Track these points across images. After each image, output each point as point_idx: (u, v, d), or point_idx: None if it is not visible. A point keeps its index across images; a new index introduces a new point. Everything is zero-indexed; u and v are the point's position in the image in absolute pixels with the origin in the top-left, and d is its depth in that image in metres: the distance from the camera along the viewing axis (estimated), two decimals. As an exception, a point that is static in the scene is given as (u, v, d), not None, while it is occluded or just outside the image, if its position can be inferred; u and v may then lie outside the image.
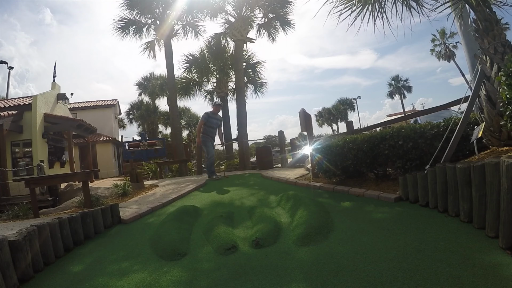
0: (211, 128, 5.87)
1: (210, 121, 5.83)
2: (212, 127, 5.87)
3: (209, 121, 5.82)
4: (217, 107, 6.22)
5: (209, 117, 5.86)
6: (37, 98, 10.34)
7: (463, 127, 2.70)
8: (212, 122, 5.85)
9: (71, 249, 2.49)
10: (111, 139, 18.31)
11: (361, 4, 3.62)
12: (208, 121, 5.81)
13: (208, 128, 5.83)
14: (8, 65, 17.06)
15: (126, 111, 26.93)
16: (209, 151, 5.91)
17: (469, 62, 4.33)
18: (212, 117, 5.89)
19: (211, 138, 5.91)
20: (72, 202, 4.88)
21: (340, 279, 1.49)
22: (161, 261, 2.04)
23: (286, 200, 3.26)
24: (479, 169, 1.81)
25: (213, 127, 5.88)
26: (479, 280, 1.30)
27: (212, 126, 5.86)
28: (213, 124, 5.88)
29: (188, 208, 3.36)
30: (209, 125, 5.83)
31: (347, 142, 3.69)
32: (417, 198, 2.59)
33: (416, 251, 1.66)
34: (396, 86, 39.08)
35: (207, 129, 5.83)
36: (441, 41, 29.52)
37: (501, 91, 2.37)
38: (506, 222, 1.54)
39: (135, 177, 5.89)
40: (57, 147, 12.08)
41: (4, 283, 1.71)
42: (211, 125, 5.85)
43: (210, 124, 5.83)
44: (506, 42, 2.80)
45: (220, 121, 6.11)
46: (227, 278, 1.67)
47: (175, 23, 12.68)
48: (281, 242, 2.15)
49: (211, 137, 5.90)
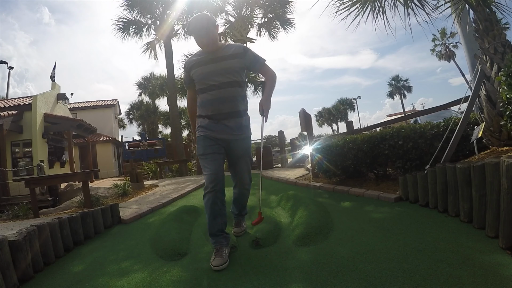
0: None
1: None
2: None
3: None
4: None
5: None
6: (37, 98, 10.35)
7: (463, 127, 2.70)
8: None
9: (71, 249, 2.49)
10: (111, 139, 18.32)
11: (361, 4, 3.62)
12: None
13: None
14: (8, 65, 17.06)
15: (126, 111, 26.96)
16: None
17: (469, 62, 4.33)
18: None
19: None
20: (72, 202, 4.88)
21: (340, 279, 1.49)
22: (161, 261, 2.04)
23: (286, 200, 3.26)
24: (479, 169, 1.81)
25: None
26: (479, 280, 1.30)
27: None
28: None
29: (188, 208, 3.36)
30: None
31: (347, 142, 3.69)
32: (417, 198, 2.59)
33: (416, 251, 1.66)
34: (396, 86, 39.11)
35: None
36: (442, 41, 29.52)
37: (501, 91, 2.36)
38: (506, 222, 1.54)
39: (135, 177, 5.89)
40: (57, 147, 12.09)
41: (4, 283, 1.71)
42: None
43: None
44: (506, 42, 2.80)
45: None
46: (227, 278, 1.67)
47: (175, 23, 12.68)
48: (281, 242, 2.15)
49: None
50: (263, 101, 2.02)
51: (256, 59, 2.09)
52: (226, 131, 2.05)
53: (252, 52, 2.09)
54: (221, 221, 2.00)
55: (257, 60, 2.09)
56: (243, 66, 2.06)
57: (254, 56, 2.10)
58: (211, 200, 1.96)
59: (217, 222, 1.98)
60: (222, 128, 2.04)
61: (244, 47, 2.10)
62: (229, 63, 2.01)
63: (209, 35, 1.98)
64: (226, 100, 2.02)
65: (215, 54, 2.04)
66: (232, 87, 2.02)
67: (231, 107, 2.04)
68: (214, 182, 1.94)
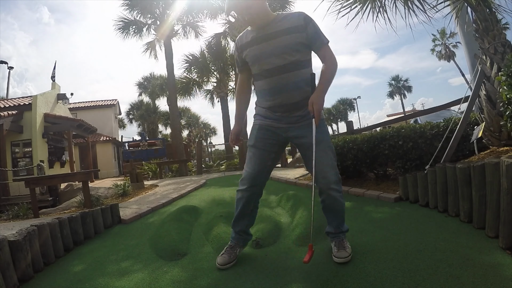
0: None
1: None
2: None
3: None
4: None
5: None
6: (37, 98, 10.35)
7: (463, 127, 2.70)
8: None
9: (71, 249, 2.49)
10: (111, 139, 18.32)
11: (361, 3, 3.62)
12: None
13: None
14: (8, 65, 17.06)
15: (126, 111, 26.98)
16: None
17: (469, 62, 4.33)
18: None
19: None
20: (72, 202, 4.88)
21: (340, 279, 1.49)
22: (161, 261, 2.04)
23: (286, 200, 3.26)
24: (479, 169, 1.81)
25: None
26: (479, 280, 1.30)
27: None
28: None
29: (188, 208, 3.36)
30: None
31: (347, 142, 3.69)
32: (417, 198, 2.59)
33: (416, 251, 1.66)
34: (396, 86, 39.12)
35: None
36: (442, 41, 29.54)
37: (501, 91, 2.37)
38: (506, 222, 1.54)
39: (135, 177, 5.90)
40: (57, 147, 12.09)
41: (4, 283, 1.71)
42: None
43: None
44: (506, 42, 2.80)
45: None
46: (227, 278, 1.67)
47: (175, 23, 12.69)
48: (281, 242, 2.15)
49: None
50: (315, 97, 1.55)
51: (318, 36, 1.62)
52: (288, 121, 1.70)
53: (314, 25, 1.62)
54: (248, 222, 1.85)
55: (318, 37, 1.62)
56: (303, 42, 1.62)
57: (316, 31, 1.62)
58: (245, 199, 1.76)
59: (243, 222, 1.82)
60: (283, 119, 1.70)
61: (306, 16, 1.63)
62: (285, 40, 1.60)
63: (251, 9, 1.60)
64: (285, 89, 1.63)
65: (267, 30, 1.64)
66: (292, 71, 1.62)
67: (292, 97, 1.64)
68: (252, 182, 1.72)
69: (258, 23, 1.65)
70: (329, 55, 1.63)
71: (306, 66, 1.66)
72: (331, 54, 1.64)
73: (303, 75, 1.64)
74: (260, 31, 1.66)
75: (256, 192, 1.77)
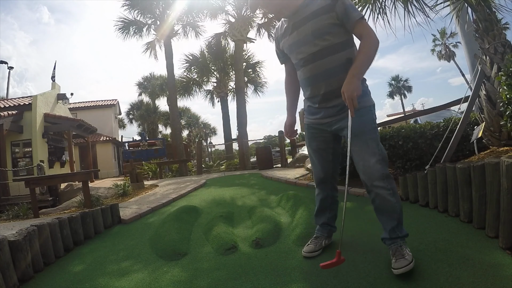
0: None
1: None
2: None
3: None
4: None
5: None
6: (37, 98, 10.35)
7: (463, 127, 2.70)
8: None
9: (71, 249, 2.49)
10: (111, 139, 18.31)
11: (361, 4, 3.62)
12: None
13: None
14: (8, 65, 17.06)
15: (126, 111, 26.96)
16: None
17: (469, 62, 4.34)
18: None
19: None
20: (72, 202, 4.88)
21: (340, 279, 1.49)
22: (161, 261, 2.04)
23: (286, 200, 3.26)
24: (479, 169, 1.81)
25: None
26: (479, 280, 1.30)
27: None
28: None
29: (188, 208, 3.36)
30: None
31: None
32: (417, 198, 2.59)
33: (416, 251, 1.66)
34: (396, 86, 39.06)
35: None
36: (442, 41, 29.53)
37: (501, 91, 2.37)
38: (506, 222, 1.54)
39: (135, 177, 5.90)
40: (57, 147, 12.08)
41: (4, 283, 1.71)
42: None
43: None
44: (506, 42, 2.80)
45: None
46: (227, 278, 1.67)
47: (175, 23, 12.71)
48: (281, 242, 2.15)
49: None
50: (345, 84, 1.39)
51: (349, 12, 1.45)
52: (329, 113, 1.59)
53: (343, 1, 1.46)
54: (330, 214, 1.83)
55: (349, 14, 1.45)
56: (334, 23, 1.47)
57: (346, 8, 1.45)
58: (321, 195, 1.80)
59: (324, 215, 1.83)
60: (324, 112, 1.60)
61: None
62: (313, 25, 1.48)
63: (271, 4, 1.61)
64: (321, 77, 1.52)
65: (295, 18, 1.56)
66: (326, 56, 1.49)
67: (329, 84, 1.52)
68: (320, 181, 1.78)
69: (285, 14, 1.60)
70: (366, 32, 1.46)
71: (343, 49, 1.52)
72: (368, 31, 1.47)
73: (340, 59, 1.51)
74: (291, 20, 1.59)
75: (328, 188, 1.79)
